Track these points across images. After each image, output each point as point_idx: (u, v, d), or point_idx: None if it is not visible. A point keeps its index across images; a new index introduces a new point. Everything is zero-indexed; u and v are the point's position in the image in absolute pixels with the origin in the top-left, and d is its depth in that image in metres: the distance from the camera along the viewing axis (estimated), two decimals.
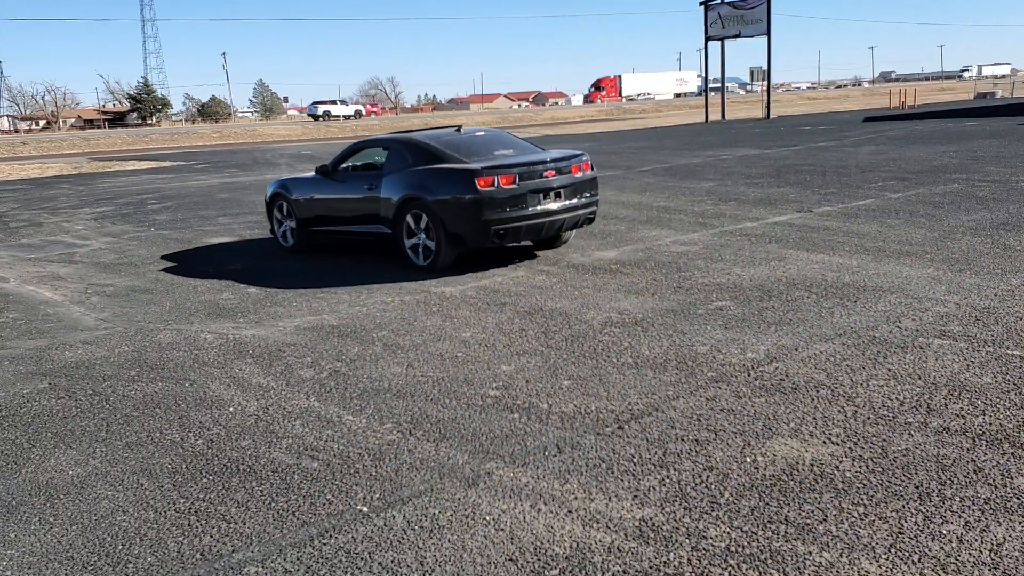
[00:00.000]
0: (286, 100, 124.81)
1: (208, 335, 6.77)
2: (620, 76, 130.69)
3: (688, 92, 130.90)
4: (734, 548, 3.24)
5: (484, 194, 8.10)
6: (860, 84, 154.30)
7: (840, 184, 13.58)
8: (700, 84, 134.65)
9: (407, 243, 8.84)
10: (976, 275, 7.15)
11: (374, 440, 4.47)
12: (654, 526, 3.43)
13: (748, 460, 3.96)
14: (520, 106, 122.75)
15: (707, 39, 44.37)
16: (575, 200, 8.73)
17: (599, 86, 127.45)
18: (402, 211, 8.76)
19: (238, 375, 5.72)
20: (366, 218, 9.30)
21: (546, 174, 8.47)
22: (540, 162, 8.51)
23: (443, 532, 3.49)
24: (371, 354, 5.99)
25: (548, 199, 8.47)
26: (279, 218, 10.75)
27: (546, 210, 8.46)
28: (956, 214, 10.13)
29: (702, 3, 43.77)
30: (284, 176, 12.93)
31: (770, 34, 41.23)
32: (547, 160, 8.57)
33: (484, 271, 8.59)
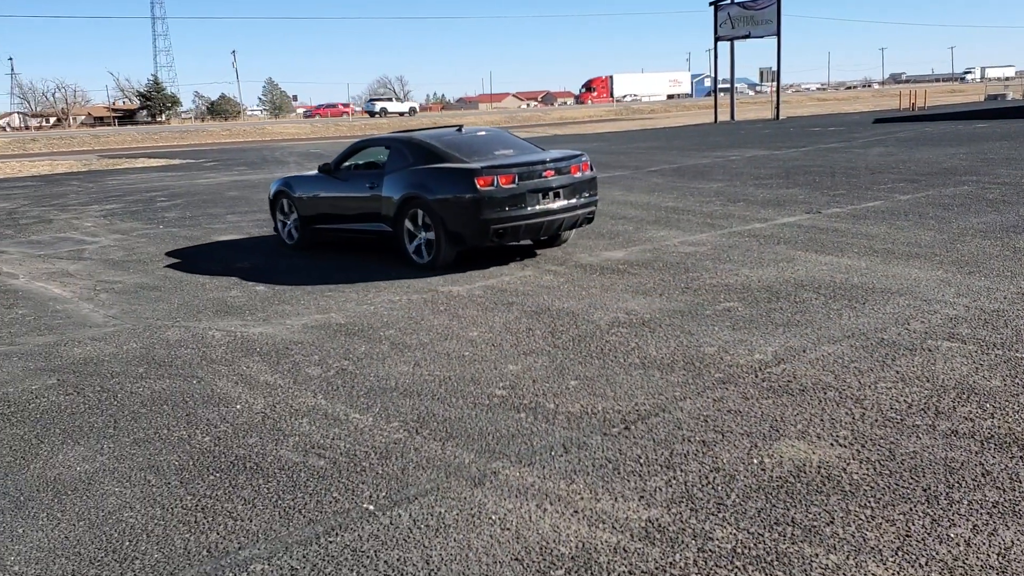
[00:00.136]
0: (295, 98, 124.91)
1: (216, 332, 6.79)
2: (611, 77, 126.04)
3: (682, 93, 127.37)
4: (740, 549, 3.23)
5: (484, 193, 8.17)
6: (870, 85, 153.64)
7: (849, 186, 13.54)
8: (695, 85, 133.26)
9: (407, 241, 8.92)
10: (986, 277, 7.12)
11: (381, 439, 4.48)
12: (660, 527, 3.43)
13: (755, 462, 3.96)
14: (529, 105, 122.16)
15: (716, 39, 44.29)
16: (574, 200, 8.79)
17: (590, 87, 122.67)
18: (403, 210, 8.84)
19: (246, 373, 5.73)
20: (367, 216, 9.39)
21: (545, 174, 8.54)
22: (539, 162, 8.58)
23: (449, 531, 3.49)
24: (378, 353, 6.00)
25: (547, 199, 8.54)
26: (282, 215, 10.86)
27: (545, 209, 8.53)
28: (966, 216, 10.09)
29: (712, 3, 43.71)
30: (288, 174, 12.99)
31: (780, 35, 41.13)
32: (546, 160, 8.64)
33: (492, 271, 8.60)
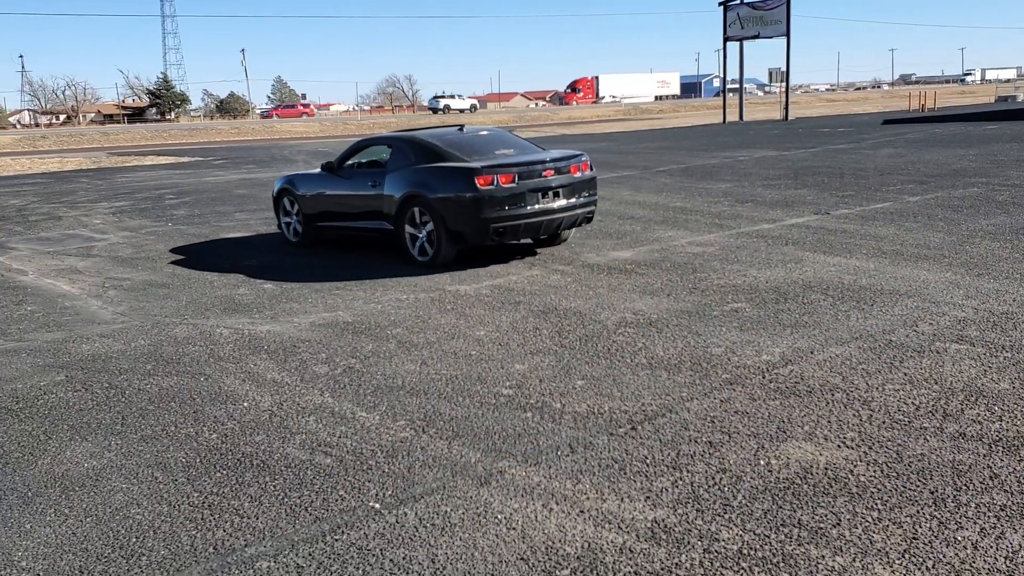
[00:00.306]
0: (304, 97, 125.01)
1: (224, 330, 6.81)
2: (597, 77, 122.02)
3: (670, 95, 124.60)
4: (746, 551, 3.23)
5: (484, 192, 8.23)
6: (879, 86, 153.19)
7: (858, 187, 13.50)
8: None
9: (408, 240, 8.99)
10: (995, 280, 7.08)
11: (387, 437, 4.48)
12: (666, 527, 3.42)
13: (762, 463, 3.95)
14: (537, 105, 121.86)
15: (726, 39, 44.17)
16: (574, 199, 8.85)
17: (575, 87, 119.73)
18: (404, 208, 8.91)
19: (253, 370, 5.75)
20: (369, 214, 9.48)
21: (545, 173, 8.60)
22: (539, 162, 8.65)
23: (455, 530, 3.50)
24: (385, 351, 6.01)
25: (547, 198, 8.61)
26: (286, 213, 10.96)
27: (545, 209, 8.59)
28: (975, 218, 10.05)
29: (721, 3, 43.62)
30: (291, 172, 13.05)
31: (789, 35, 40.98)
32: (546, 160, 8.71)
33: (499, 270, 8.61)
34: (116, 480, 4.15)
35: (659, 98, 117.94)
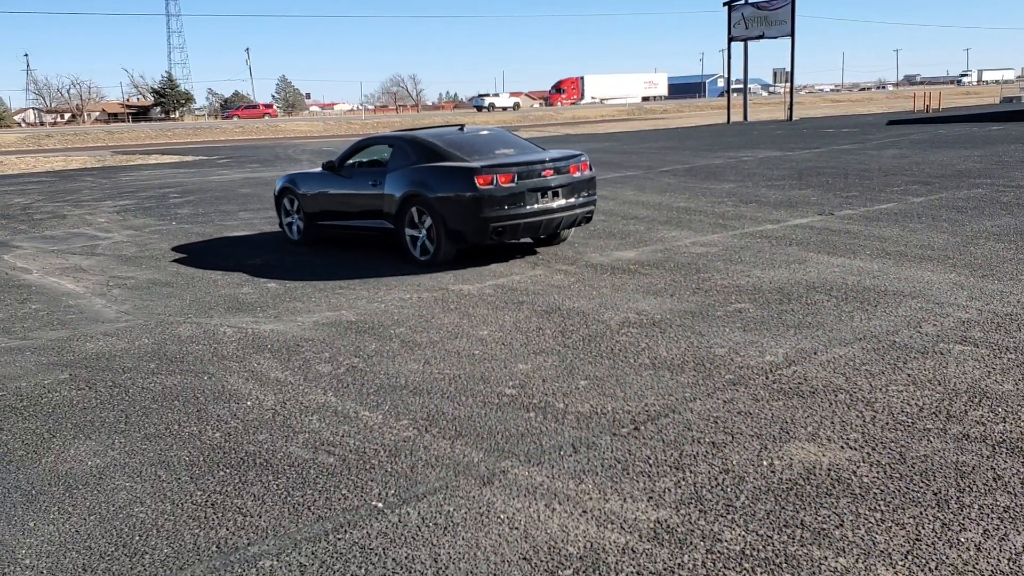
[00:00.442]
0: (308, 96, 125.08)
1: (227, 329, 6.82)
2: (583, 78, 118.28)
3: (658, 96, 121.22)
4: (749, 551, 3.22)
5: (483, 192, 8.27)
6: (884, 87, 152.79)
7: (862, 187, 13.48)
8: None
9: (408, 238, 9.03)
10: (999, 281, 7.07)
11: (390, 436, 4.49)
12: (669, 528, 3.42)
13: (765, 463, 3.94)
14: (541, 104, 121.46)
15: (730, 40, 44.14)
16: (573, 199, 8.89)
17: (559, 88, 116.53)
18: (404, 207, 8.96)
19: (256, 369, 5.75)
20: (370, 213, 9.53)
21: (544, 173, 8.64)
22: (539, 162, 8.70)
23: (457, 530, 3.50)
24: (388, 350, 6.01)
25: (546, 198, 8.65)
26: (287, 211, 11.02)
27: (544, 208, 8.64)
28: (979, 219, 10.03)
29: (726, 4, 43.58)
30: (293, 171, 13.09)
31: (794, 35, 40.96)
32: (546, 160, 8.75)
33: (502, 269, 8.61)
34: (119, 478, 4.16)
35: (646, 99, 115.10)
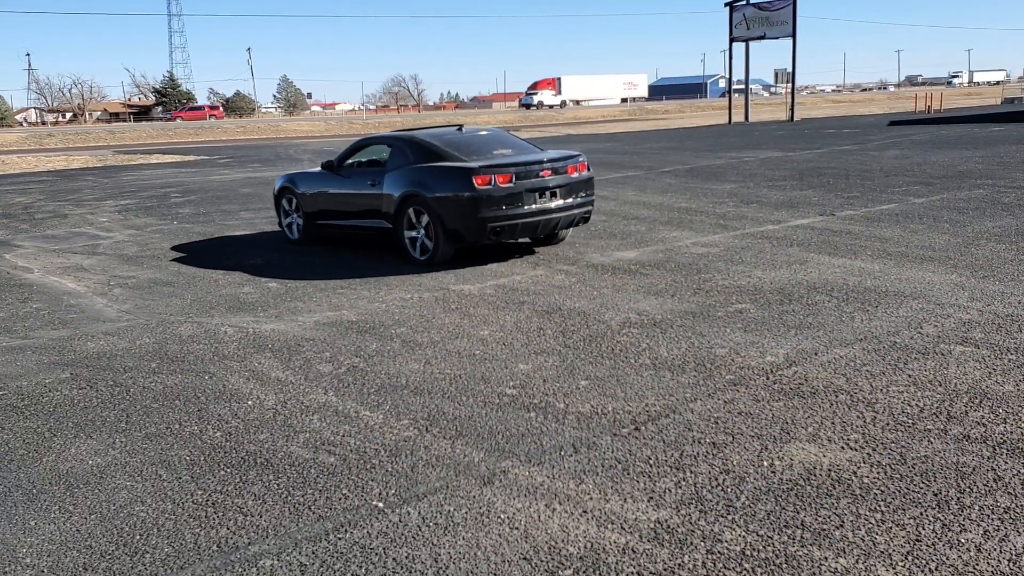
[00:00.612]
0: (310, 96, 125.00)
1: (228, 328, 6.82)
2: (559, 79, 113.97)
3: (638, 97, 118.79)
4: (749, 552, 3.22)
5: (481, 192, 8.30)
6: (885, 87, 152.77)
7: (863, 188, 13.47)
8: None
9: (407, 238, 9.05)
10: (1000, 282, 7.07)
11: (391, 436, 4.49)
12: (669, 528, 3.42)
13: (765, 464, 3.95)
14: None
15: (732, 40, 44.15)
16: (571, 199, 8.91)
17: (535, 89, 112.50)
18: (403, 207, 8.98)
19: (257, 369, 5.76)
20: (368, 213, 9.55)
21: (542, 174, 8.67)
22: (537, 162, 8.72)
23: (457, 529, 3.50)
24: (389, 350, 6.01)
25: (544, 198, 8.68)
26: (286, 211, 11.05)
27: (542, 208, 8.66)
28: (980, 220, 10.03)
29: (727, 4, 43.58)
30: (292, 171, 13.11)
31: (795, 36, 41.00)
32: (544, 160, 8.77)
33: (503, 269, 8.61)
34: (120, 478, 4.16)
35: (625, 100, 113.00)
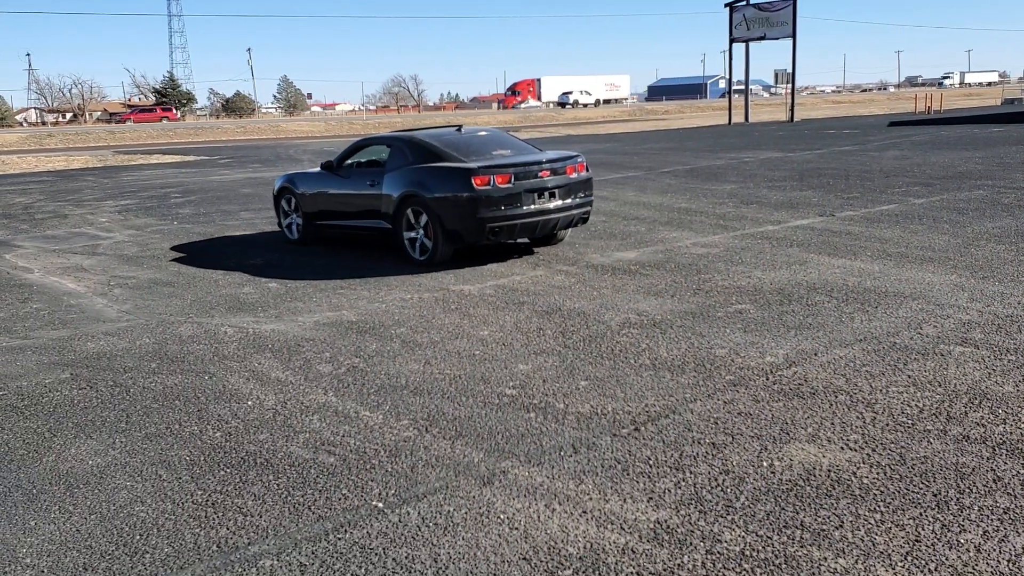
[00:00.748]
0: (310, 96, 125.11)
1: (228, 329, 6.82)
2: (539, 80, 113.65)
3: (620, 98, 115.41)
4: (749, 552, 3.23)
5: (480, 192, 8.32)
6: (885, 88, 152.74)
7: (863, 189, 13.48)
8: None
9: (406, 238, 9.07)
10: (1000, 283, 7.07)
11: (390, 436, 4.49)
12: (669, 528, 3.43)
13: (765, 464, 3.95)
14: (547, 105, 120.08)
15: (732, 41, 44.15)
16: (569, 200, 8.93)
17: (514, 90, 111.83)
18: (402, 207, 9.00)
19: (257, 369, 5.76)
20: (368, 213, 9.57)
21: (541, 174, 8.68)
22: (536, 162, 8.73)
23: (457, 530, 3.50)
24: (389, 351, 6.02)
25: (543, 198, 8.69)
26: (285, 211, 11.07)
27: (541, 209, 8.68)
28: (980, 221, 10.03)
29: (727, 5, 43.58)
30: (292, 171, 13.12)
31: (795, 36, 41.01)
32: (542, 161, 8.78)
33: (503, 270, 8.61)
34: (120, 478, 4.16)
35: (607, 101, 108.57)
